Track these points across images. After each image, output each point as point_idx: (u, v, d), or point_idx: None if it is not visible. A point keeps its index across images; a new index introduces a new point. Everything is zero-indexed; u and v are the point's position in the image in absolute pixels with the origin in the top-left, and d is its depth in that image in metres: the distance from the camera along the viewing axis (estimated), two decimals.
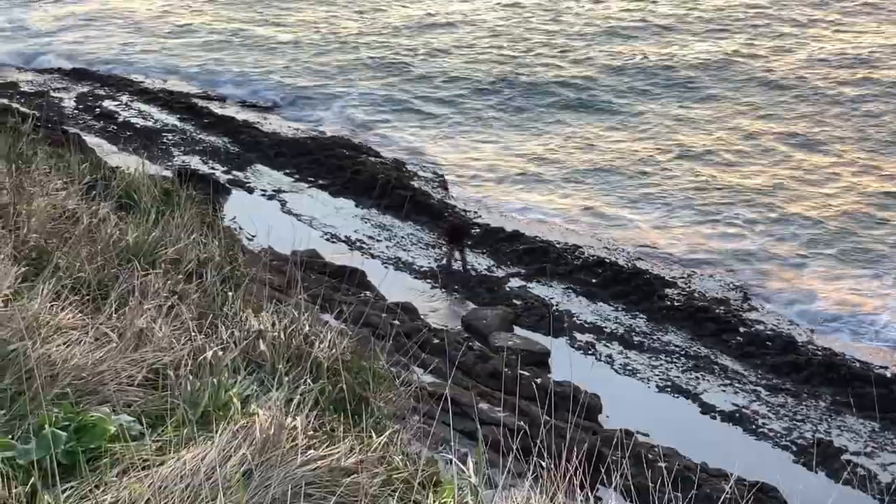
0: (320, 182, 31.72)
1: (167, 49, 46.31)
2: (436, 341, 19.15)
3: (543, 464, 4.39)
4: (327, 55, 44.70)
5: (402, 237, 28.12)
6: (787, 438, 19.56)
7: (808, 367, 21.85)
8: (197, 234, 7.60)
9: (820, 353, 22.43)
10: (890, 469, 18.57)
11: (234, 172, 32.25)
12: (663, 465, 15.14)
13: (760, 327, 23.52)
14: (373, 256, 26.68)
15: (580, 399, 18.15)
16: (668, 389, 21.21)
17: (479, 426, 4.95)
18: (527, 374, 19.39)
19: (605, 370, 21.80)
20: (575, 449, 4.73)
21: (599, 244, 27.89)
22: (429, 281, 25.59)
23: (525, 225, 29.04)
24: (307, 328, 6.12)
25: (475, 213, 29.77)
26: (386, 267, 25.99)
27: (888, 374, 21.54)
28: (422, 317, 22.56)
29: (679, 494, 5.29)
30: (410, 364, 7.90)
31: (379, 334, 12.26)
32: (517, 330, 23.05)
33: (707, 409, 20.60)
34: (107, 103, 38.66)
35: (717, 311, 24.10)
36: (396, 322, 19.92)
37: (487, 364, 19.80)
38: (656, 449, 16.99)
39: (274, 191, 31.01)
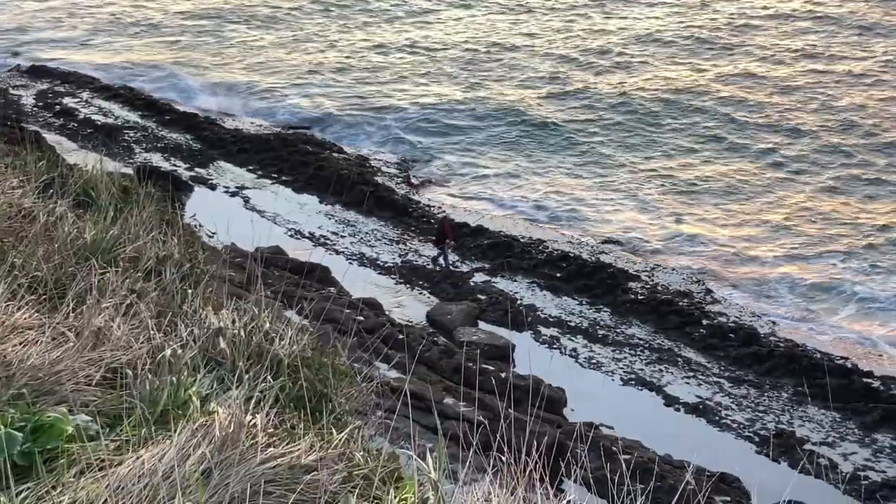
0: (283, 178, 31.61)
1: (129, 46, 45.92)
2: (400, 337, 19.16)
3: (504, 458, 4.41)
4: (293, 55, 44.53)
5: (367, 233, 28.07)
6: (750, 429, 19.72)
7: (771, 359, 22.03)
8: (156, 232, 7.54)
9: (782, 344, 22.63)
10: (851, 458, 18.79)
11: (197, 169, 32.05)
12: (627, 457, 15.24)
13: (723, 319, 23.70)
14: (337, 252, 26.60)
15: (545, 393, 18.24)
16: (633, 382, 21.32)
17: (438, 421, 4.95)
18: (491, 368, 19.42)
19: (570, 364, 21.87)
20: (536, 442, 4.74)
21: (563, 238, 28.00)
22: (393, 276, 25.56)
23: (489, 220, 29.09)
24: (268, 325, 6.09)
25: (439, 208, 29.79)
26: (350, 263, 25.92)
27: (849, 365, 21.77)
28: (386, 312, 22.52)
29: (642, 486, 5.31)
30: (373, 360, 7.91)
31: (342, 330, 12.24)
32: (482, 325, 23.07)
33: (671, 401, 20.72)
34: (67, 100, 38.28)
35: (681, 303, 24.26)
36: (360, 318, 19.92)
37: (452, 359, 19.80)
38: (620, 441, 17.09)
39: (237, 187, 30.85)
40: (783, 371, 21.70)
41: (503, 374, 18.70)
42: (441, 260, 26.27)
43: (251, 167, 32.39)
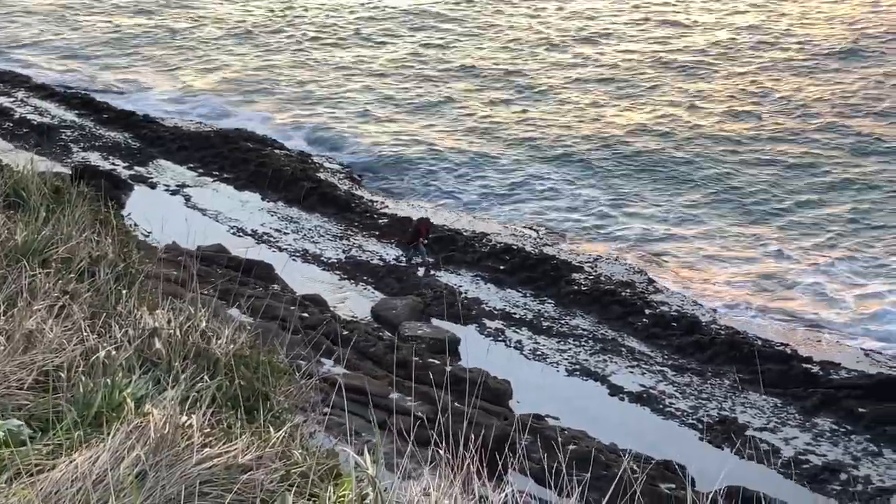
0: (225, 175, 31.34)
1: (68, 43, 45.24)
2: (345, 332, 19.13)
3: (442, 452, 4.41)
4: (241, 64, 44.21)
5: (310, 229, 27.93)
6: (694, 416, 19.94)
7: (712, 347, 22.26)
8: (89, 232, 7.41)
9: (723, 332, 22.88)
10: (792, 443, 19.08)
11: (136, 168, 31.66)
12: (572, 447, 15.35)
13: (665, 309, 23.91)
14: (280, 249, 26.44)
15: (490, 385, 18.32)
16: (578, 373, 21.44)
17: (374, 417, 4.94)
18: (437, 362, 19.43)
19: (515, 356, 21.94)
20: (478, 435, 4.75)
21: (506, 231, 28.08)
22: (337, 272, 25.46)
23: (432, 213, 29.08)
24: (204, 324, 6.03)
25: (381, 203, 29.74)
26: (293, 259, 25.78)
27: (788, 351, 22.10)
28: (331, 308, 22.42)
29: (588, 475, 5.34)
30: (314, 356, 7.86)
31: (285, 327, 12.18)
32: (427, 319, 23.07)
33: (615, 390, 20.87)
34: (1, 100, 37.60)
35: (623, 294, 24.43)
36: (305, 314, 19.84)
37: (397, 354, 19.77)
38: (565, 432, 17.20)
39: (178, 185, 30.52)
40: (725, 358, 21.93)
41: (448, 368, 18.72)
42: (416, 257, 26.28)
43: (191, 165, 32.08)
